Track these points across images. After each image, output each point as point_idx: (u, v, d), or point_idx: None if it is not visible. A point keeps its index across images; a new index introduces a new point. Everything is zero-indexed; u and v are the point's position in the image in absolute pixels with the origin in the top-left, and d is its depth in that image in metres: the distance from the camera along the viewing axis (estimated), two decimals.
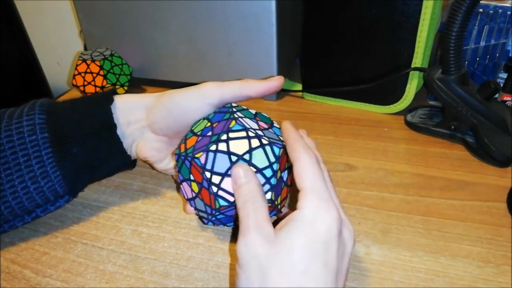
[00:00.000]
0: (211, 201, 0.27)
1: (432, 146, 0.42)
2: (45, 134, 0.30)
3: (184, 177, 0.29)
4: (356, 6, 0.44)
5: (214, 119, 0.29)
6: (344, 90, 0.49)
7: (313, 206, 0.22)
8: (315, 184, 0.23)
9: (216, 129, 0.28)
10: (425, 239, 0.31)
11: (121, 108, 0.32)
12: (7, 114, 0.31)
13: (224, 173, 0.26)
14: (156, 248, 0.31)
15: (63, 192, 0.31)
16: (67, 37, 0.81)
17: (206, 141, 0.27)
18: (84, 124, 0.31)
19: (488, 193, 0.35)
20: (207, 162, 0.26)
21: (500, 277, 0.28)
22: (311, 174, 0.23)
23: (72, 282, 0.29)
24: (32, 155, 0.29)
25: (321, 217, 0.21)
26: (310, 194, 0.22)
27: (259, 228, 0.22)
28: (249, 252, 0.21)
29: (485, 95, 0.39)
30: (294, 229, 0.21)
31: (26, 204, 0.30)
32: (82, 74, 0.50)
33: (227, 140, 0.27)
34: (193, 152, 0.27)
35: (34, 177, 0.29)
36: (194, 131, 0.29)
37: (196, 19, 0.49)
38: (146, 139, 0.33)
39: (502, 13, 0.43)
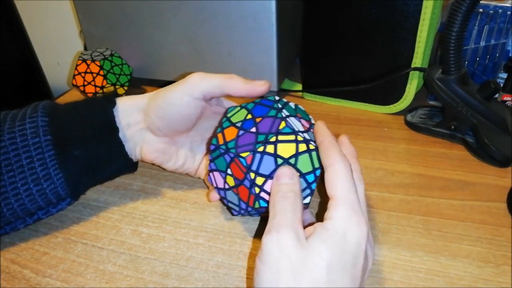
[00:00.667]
0: (250, 200, 0.27)
1: (432, 146, 0.42)
2: (48, 137, 0.30)
3: (218, 168, 0.29)
4: (356, 6, 0.44)
5: (256, 112, 0.28)
6: (344, 90, 0.49)
7: (344, 217, 0.22)
8: (348, 195, 0.22)
9: (261, 126, 0.27)
10: (425, 239, 0.31)
11: (122, 110, 0.32)
12: (10, 116, 0.31)
13: (268, 175, 0.26)
14: (156, 248, 0.31)
15: (65, 194, 0.31)
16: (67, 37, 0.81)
17: (251, 138, 0.27)
18: (86, 127, 0.31)
19: (488, 193, 0.35)
20: (253, 164, 0.26)
21: (500, 277, 0.28)
22: (344, 182, 0.23)
23: (72, 282, 0.29)
24: (35, 157, 0.29)
25: (352, 230, 0.21)
26: (342, 204, 0.22)
27: (295, 229, 0.22)
28: (281, 251, 0.21)
29: (485, 95, 0.39)
30: (327, 238, 0.21)
31: (28, 206, 0.30)
32: (82, 74, 0.50)
33: (275, 143, 0.27)
34: (236, 148, 0.27)
35: (37, 179, 0.29)
36: (232, 121, 0.29)
37: (196, 19, 0.49)
38: (147, 141, 0.33)
39: (502, 13, 0.43)
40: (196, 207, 0.35)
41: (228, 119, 0.29)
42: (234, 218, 0.34)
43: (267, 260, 0.21)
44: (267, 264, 0.21)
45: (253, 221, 0.34)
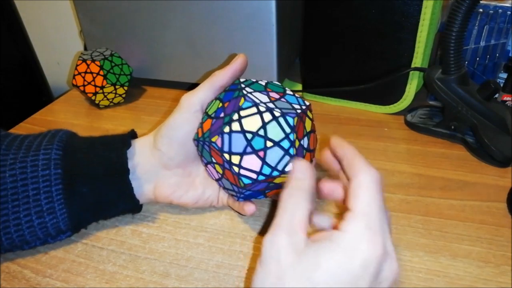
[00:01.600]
0: (236, 180, 0.28)
1: (432, 146, 0.42)
2: (58, 170, 0.30)
3: (207, 160, 0.29)
4: (356, 6, 0.44)
5: (225, 98, 0.29)
6: (344, 90, 0.49)
7: (356, 233, 0.20)
8: (368, 210, 0.20)
9: (227, 109, 0.28)
10: (425, 239, 0.31)
11: (137, 153, 0.32)
12: (26, 144, 0.31)
13: (242, 152, 0.26)
14: (156, 248, 0.31)
15: (65, 228, 0.30)
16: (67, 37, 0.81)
17: (220, 123, 0.27)
18: (98, 165, 0.31)
19: (488, 193, 0.35)
20: (223, 145, 0.27)
21: (500, 277, 0.28)
22: (367, 196, 0.21)
23: (72, 282, 0.29)
24: (42, 189, 0.29)
25: (362, 249, 0.19)
26: (358, 219, 0.20)
27: (290, 232, 0.21)
28: (272, 253, 0.21)
29: (485, 95, 0.39)
30: (327, 250, 0.20)
31: (27, 238, 0.29)
32: (82, 74, 0.50)
33: (239, 120, 0.27)
34: (209, 136, 0.27)
35: (40, 211, 0.29)
36: (208, 114, 0.29)
37: (196, 19, 0.49)
38: (161, 178, 0.32)
39: (502, 13, 0.43)
40: (196, 207, 0.35)
41: (206, 113, 0.30)
42: (234, 218, 0.34)
43: (261, 260, 0.21)
44: (261, 264, 0.21)
45: (254, 221, 0.34)
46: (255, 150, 0.27)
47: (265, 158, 0.27)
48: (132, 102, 0.55)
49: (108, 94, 0.52)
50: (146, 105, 0.54)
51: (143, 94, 0.57)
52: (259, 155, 0.27)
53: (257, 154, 0.27)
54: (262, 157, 0.27)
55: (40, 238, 0.30)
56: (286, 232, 0.21)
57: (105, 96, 0.52)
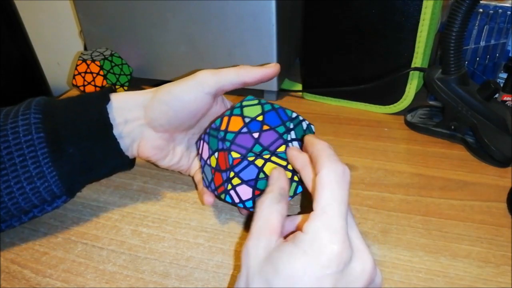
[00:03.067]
0: (220, 189, 0.28)
1: (432, 146, 0.42)
2: (40, 134, 0.29)
3: (209, 144, 0.30)
4: (356, 6, 0.44)
5: (268, 119, 0.28)
6: (344, 90, 0.49)
7: (315, 234, 0.19)
8: (327, 208, 0.20)
9: (264, 136, 0.28)
10: (425, 239, 0.31)
11: (118, 107, 0.32)
12: (3, 113, 0.30)
13: (245, 181, 0.28)
14: (156, 248, 0.31)
15: (60, 192, 0.30)
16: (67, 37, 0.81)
17: (248, 142, 0.27)
18: (80, 124, 0.30)
19: (488, 193, 0.35)
20: (237, 166, 0.28)
21: (500, 277, 0.28)
22: (326, 193, 0.20)
23: (72, 282, 0.29)
24: (28, 155, 0.28)
25: (321, 250, 0.19)
26: (317, 219, 0.20)
27: (262, 236, 0.21)
28: (244, 258, 0.21)
29: (485, 95, 0.39)
30: (288, 252, 0.20)
31: (22, 205, 0.29)
32: (82, 74, 0.50)
33: (266, 160, 0.28)
34: (231, 144, 0.28)
35: (30, 177, 0.29)
36: (243, 112, 0.29)
37: (196, 19, 0.49)
38: (146, 137, 0.33)
39: (502, 13, 0.43)
40: (196, 207, 0.35)
41: (241, 108, 0.29)
42: (234, 218, 0.34)
43: (241, 265, 0.22)
44: (240, 269, 0.22)
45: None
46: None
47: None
48: None
49: None
50: None
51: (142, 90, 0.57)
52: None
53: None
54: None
55: (36, 205, 0.30)
56: (256, 239, 0.21)
57: None
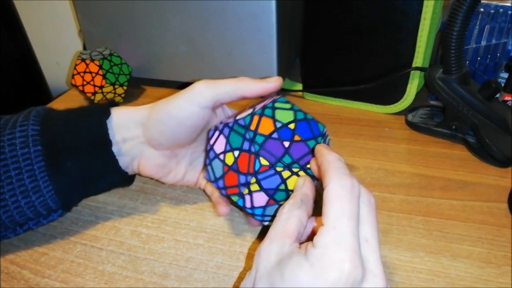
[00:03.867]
0: (233, 190, 0.27)
1: (432, 146, 0.42)
2: (37, 147, 0.28)
3: (229, 140, 0.27)
4: (356, 6, 0.43)
5: (300, 129, 0.27)
6: (345, 90, 0.49)
7: (323, 249, 0.19)
8: (337, 223, 0.19)
9: (294, 148, 0.26)
10: (425, 239, 0.31)
11: (117, 124, 0.31)
12: (2, 123, 0.29)
13: (265, 189, 0.26)
14: (156, 249, 0.31)
15: (55, 206, 0.30)
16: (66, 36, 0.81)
17: (278, 151, 0.26)
18: (79, 138, 0.29)
19: (489, 193, 0.35)
20: (262, 174, 0.26)
21: (501, 277, 0.28)
22: (335, 207, 0.19)
23: (71, 283, 0.29)
24: (24, 168, 0.28)
25: (329, 267, 0.18)
26: (326, 234, 0.19)
27: (277, 240, 0.21)
28: (256, 260, 0.21)
29: (486, 95, 0.39)
30: (296, 263, 0.19)
31: (17, 218, 0.28)
32: (81, 73, 0.50)
33: (293, 174, 0.26)
34: (260, 149, 0.26)
35: (25, 191, 0.28)
36: (275, 115, 0.27)
37: (196, 19, 0.49)
38: (146, 156, 0.31)
39: (503, 13, 0.42)
40: (196, 208, 0.35)
41: (273, 110, 0.27)
42: (234, 219, 0.34)
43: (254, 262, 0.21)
44: (253, 265, 0.21)
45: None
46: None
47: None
48: (131, 102, 0.54)
49: (107, 94, 0.52)
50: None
51: (142, 93, 0.57)
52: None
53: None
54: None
55: (31, 218, 0.29)
56: (272, 240, 0.21)
57: (104, 96, 0.51)
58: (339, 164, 0.22)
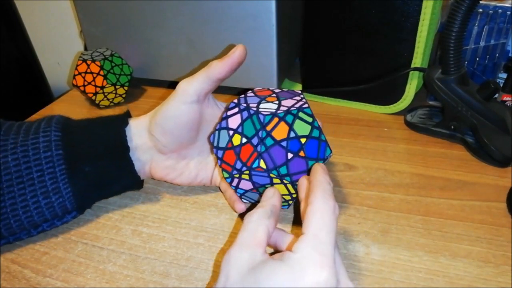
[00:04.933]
0: (235, 181, 0.29)
1: (431, 146, 0.42)
2: (59, 151, 0.30)
3: (244, 130, 0.28)
4: (356, 6, 0.44)
5: (307, 147, 0.28)
6: (344, 90, 0.49)
7: (304, 254, 0.20)
8: (319, 233, 0.20)
9: (292, 164, 0.28)
10: (425, 239, 0.31)
11: (132, 132, 0.33)
12: (24, 129, 0.31)
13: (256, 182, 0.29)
14: (156, 248, 0.31)
15: (71, 208, 0.31)
16: (67, 37, 0.81)
17: (281, 156, 0.27)
18: (99, 144, 0.32)
19: (488, 193, 0.35)
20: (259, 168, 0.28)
21: (500, 277, 0.28)
22: (320, 221, 0.21)
23: (72, 282, 0.29)
24: (46, 171, 0.30)
25: (308, 271, 0.19)
26: (308, 241, 0.20)
27: (246, 249, 0.21)
28: (224, 268, 0.21)
29: (484, 95, 0.39)
30: (274, 269, 0.20)
31: (35, 219, 0.30)
32: (83, 74, 0.50)
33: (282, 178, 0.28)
34: (267, 149, 0.27)
35: (46, 192, 0.30)
36: (288, 120, 0.28)
37: (196, 19, 0.49)
38: (156, 160, 0.33)
39: (501, 13, 0.43)
40: (196, 207, 0.35)
41: (295, 117, 0.28)
42: (234, 218, 0.34)
43: (220, 270, 0.22)
44: (220, 273, 0.22)
45: None
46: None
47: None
48: (132, 102, 0.55)
49: (109, 94, 0.52)
50: (146, 105, 0.54)
51: (143, 94, 0.57)
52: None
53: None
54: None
55: (47, 220, 0.31)
56: (239, 247, 0.21)
57: (105, 96, 0.52)
58: (328, 187, 0.23)
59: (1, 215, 0.29)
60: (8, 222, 0.29)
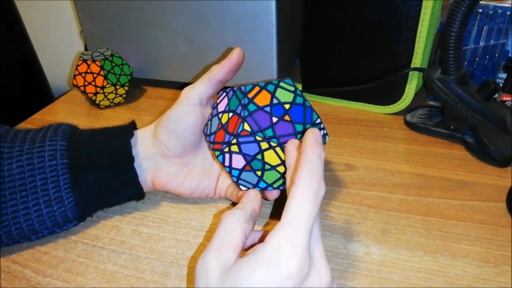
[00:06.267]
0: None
1: (431, 146, 0.42)
2: (64, 160, 0.30)
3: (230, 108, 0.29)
4: (356, 6, 0.44)
5: (292, 112, 0.28)
6: (344, 90, 0.49)
7: (277, 245, 0.20)
8: (294, 221, 0.20)
9: (277, 129, 0.28)
10: (424, 239, 0.31)
11: (138, 140, 0.33)
12: (30, 137, 0.32)
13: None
14: (157, 248, 0.31)
15: (73, 217, 0.31)
16: (67, 37, 0.81)
17: (265, 120, 0.28)
18: (104, 155, 0.32)
19: (488, 193, 0.35)
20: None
21: (500, 277, 0.28)
22: (298, 206, 0.21)
23: (73, 282, 0.29)
24: (50, 179, 0.30)
25: (280, 262, 0.19)
26: (282, 230, 0.20)
27: (220, 252, 0.21)
28: (201, 274, 0.21)
29: (484, 95, 0.39)
30: (248, 265, 0.20)
31: (36, 227, 0.30)
32: (83, 74, 0.50)
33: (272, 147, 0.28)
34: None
35: (49, 201, 0.30)
36: (272, 101, 0.28)
37: (196, 19, 0.49)
38: (160, 166, 0.33)
39: (501, 13, 0.43)
40: (197, 207, 0.35)
41: (276, 87, 0.28)
42: None
43: (195, 277, 0.21)
44: (195, 280, 0.21)
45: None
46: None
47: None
48: (132, 102, 0.55)
49: (109, 94, 0.52)
50: (147, 105, 0.54)
51: (143, 94, 0.57)
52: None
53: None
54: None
55: (48, 228, 0.31)
56: (216, 252, 0.21)
57: (105, 96, 0.52)
58: (316, 164, 0.22)
59: (2, 222, 0.29)
60: (9, 230, 0.29)
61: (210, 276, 0.21)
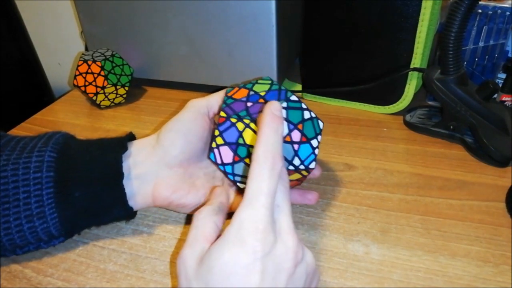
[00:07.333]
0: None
1: (431, 146, 0.42)
2: (50, 173, 0.28)
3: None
4: (356, 7, 0.44)
5: (267, 96, 0.30)
6: (344, 90, 0.49)
7: (239, 225, 0.21)
8: (253, 200, 0.21)
9: (251, 109, 0.29)
10: (424, 238, 0.31)
11: (129, 153, 0.31)
12: (21, 145, 0.30)
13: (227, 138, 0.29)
14: (157, 248, 0.31)
15: (57, 234, 0.29)
16: (68, 37, 0.81)
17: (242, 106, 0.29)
18: (93, 169, 0.30)
19: (487, 193, 0.35)
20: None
21: (499, 276, 0.28)
22: (256, 185, 0.21)
23: (73, 282, 0.29)
24: (33, 192, 0.28)
25: (243, 240, 0.20)
26: (242, 210, 0.21)
27: (194, 245, 0.22)
28: (181, 269, 0.22)
29: (484, 96, 0.39)
30: (216, 249, 0.21)
31: (17, 242, 0.28)
32: (83, 74, 0.50)
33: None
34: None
35: (30, 216, 0.28)
36: (249, 94, 0.30)
37: (196, 19, 0.49)
38: (162, 177, 0.31)
39: (501, 14, 0.43)
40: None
41: (253, 84, 0.30)
42: None
43: (177, 274, 0.23)
44: (177, 277, 0.23)
45: None
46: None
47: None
48: (133, 102, 0.55)
49: (109, 95, 0.52)
50: (147, 105, 0.54)
51: (143, 94, 0.57)
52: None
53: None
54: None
55: (31, 243, 0.29)
56: (190, 247, 0.22)
57: (106, 97, 0.52)
58: (271, 140, 0.23)
59: None
60: None
61: (188, 269, 0.22)
